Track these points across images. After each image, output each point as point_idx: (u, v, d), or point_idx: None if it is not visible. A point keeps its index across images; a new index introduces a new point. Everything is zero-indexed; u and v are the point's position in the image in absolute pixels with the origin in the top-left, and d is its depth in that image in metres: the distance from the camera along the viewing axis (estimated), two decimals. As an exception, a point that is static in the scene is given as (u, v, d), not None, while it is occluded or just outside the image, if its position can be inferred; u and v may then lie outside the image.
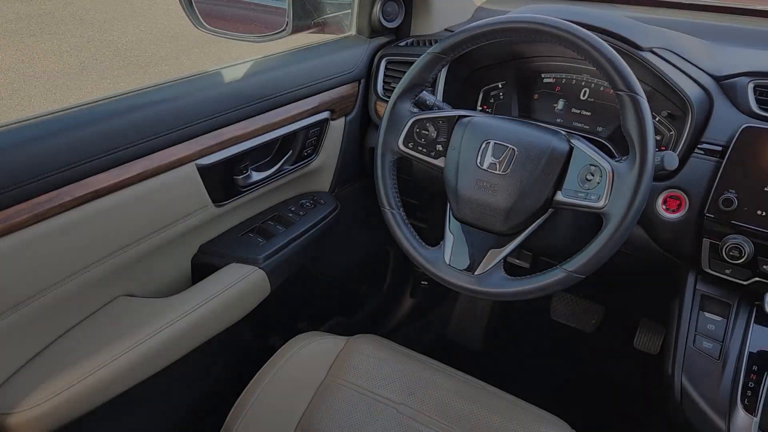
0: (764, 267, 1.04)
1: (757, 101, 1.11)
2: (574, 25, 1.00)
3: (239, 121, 1.23)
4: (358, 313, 1.98)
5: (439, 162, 1.13)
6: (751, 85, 1.12)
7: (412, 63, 1.15)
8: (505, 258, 1.08)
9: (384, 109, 1.17)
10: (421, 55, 1.13)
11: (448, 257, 1.10)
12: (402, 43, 1.52)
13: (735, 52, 1.25)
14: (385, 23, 1.54)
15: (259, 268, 1.27)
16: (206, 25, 1.38)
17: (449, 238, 1.12)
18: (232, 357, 1.53)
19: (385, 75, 1.50)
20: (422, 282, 2.08)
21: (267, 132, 1.29)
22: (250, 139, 1.25)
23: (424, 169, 1.18)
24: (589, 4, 1.63)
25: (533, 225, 1.06)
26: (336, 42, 1.53)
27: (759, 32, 1.42)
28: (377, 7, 1.51)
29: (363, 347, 1.19)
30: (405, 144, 1.15)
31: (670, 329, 1.15)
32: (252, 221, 1.39)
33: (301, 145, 1.40)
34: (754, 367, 1.03)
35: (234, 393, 1.14)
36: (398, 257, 1.99)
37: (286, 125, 1.33)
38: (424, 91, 1.18)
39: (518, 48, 1.36)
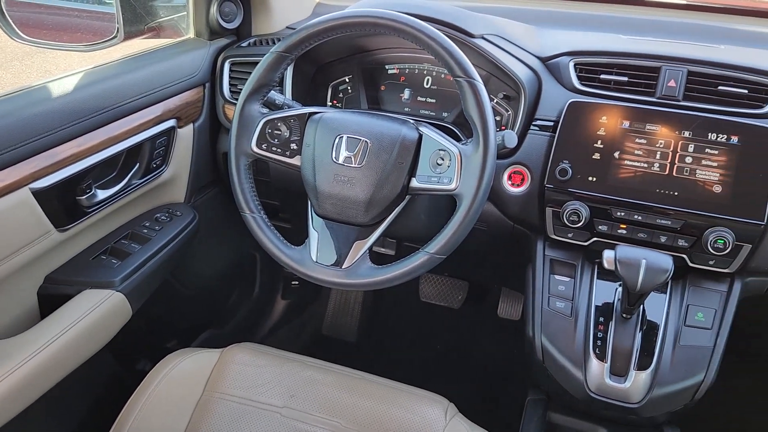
0: (600, 228, 1.16)
1: (578, 78, 1.22)
2: (410, 17, 1.04)
3: (76, 138, 1.14)
4: (230, 323, 1.92)
5: (295, 161, 1.13)
6: (571, 64, 1.23)
7: (256, 63, 1.13)
8: (370, 248, 1.10)
9: (233, 113, 1.14)
10: (264, 54, 1.12)
11: (315, 254, 1.11)
12: (244, 44, 1.49)
13: (557, 34, 1.37)
14: (224, 24, 1.50)
15: (117, 291, 1.20)
16: (24, 35, 1.26)
17: (314, 235, 1.13)
18: (99, 390, 1.43)
19: (230, 77, 1.46)
20: (293, 282, 2.06)
21: (108, 146, 1.21)
22: (91, 155, 1.17)
23: (282, 170, 1.17)
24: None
25: (393, 213, 1.09)
26: (174, 46, 1.46)
27: (577, 15, 1.56)
28: (214, 8, 1.47)
29: (239, 357, 1.16)
30: (258, 146, 1.13)
31: (527, 295, 1.24)
32: (103, 242, 1.30)
33: (148, 156, 1.33)
34: (601, 319, 1.15)
35: (105, 428, 1.07)
36: (266, 260, 1.96)
37: (129, 137, 1.26)
38: (273, 91, 1.17)
39: (361, 42, 1.39)
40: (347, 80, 1.43)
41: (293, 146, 1.13)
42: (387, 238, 1.49)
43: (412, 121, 1.11)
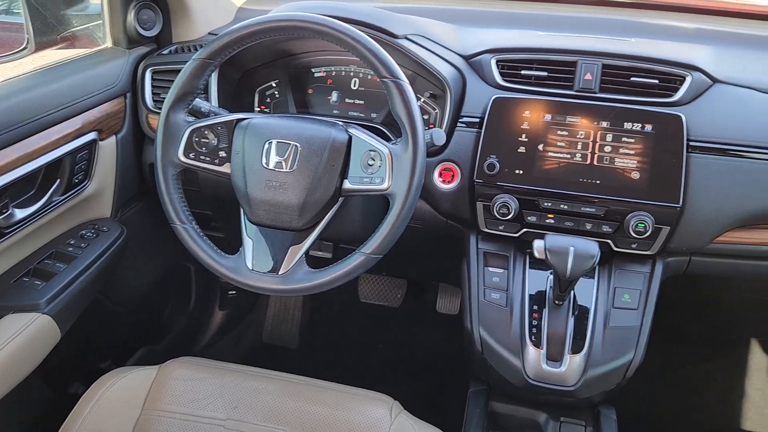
0: (529, 219, 1.19)
1: (501, 74, 1.25)
2: (334, 20, 1.04)
3: (-12, 155, 1.09)
4: (167, 338, 1.87)
5: (225, 168, 1.11)
6: (493, 61, 1.27)
7: (179, 71, 1.10)
8: (306, 252, 1.09)
9: (157, 122, 1.11)
10: (187, 62, 1.10)
11: (250, 262, 1.09)
12: (165, 52, 1.46)
13: (478, 33, 1.40)
14: (142, 32, 1.45)
15: (43, 313, 1.15)
16: None
17: (248, 243, 1.11)
18: (31, 417, 1.37)
19: (152, 86, 1.42)
20: (230, 292, 2.03)
21: (24, 163, 1.16)
22: (5, 173, 1.11)
23: (211, 178, 1.15)
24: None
25: (327, 216, 1.09)
26: (91, 56, 1.41)
27: (497, 13, 1.61)
28: (131, 16, 1.42)
29: (177, 372, 1.13)
30: (186, 155, 1.11)
31: (464, 288, 1.27)
32: (25, 263, 1.24)
33: (69, 172, 1.27)
34: (535, 307, 1.18)
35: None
36: (200, 272, 1.92)
37: (47, 153, 1.20)
38: (197, 99, 1.15)
39: (286, 46, 1.38)
40: (274, 85, 1.42)
41: (222, 154, 1.11)
42: (323, 242, 1.49)
43: (341, 123, 1.11)
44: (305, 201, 1.06)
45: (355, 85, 1.39)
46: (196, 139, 1.10)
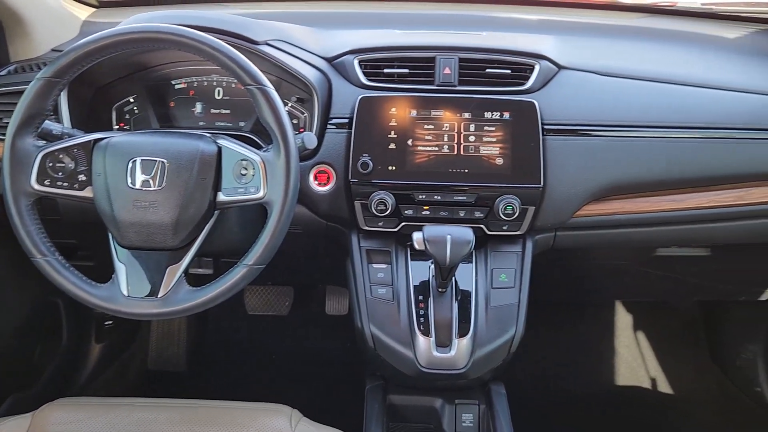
0: (406, 212, 1.23)
1: (365, 74, 1.28)
2: (190, 30, 1.01)
3: None
4: (39, 382, 1.73)
5: (87, 193, 1.05)
6: (356, 61, 1.29)
7: (21, 93, 1.02)
8: (185, 271, 1.06)
9: (2, 150, 1.02)
10: (30, 82, 1.02)
11: (126, 288, 1.04)
12: (3, 72, 1.34)
13: (339, 35, 1.42)
14: (-29, 54, 1.33)
15: None
16: None
17: (121, 268, 1.05)
18: None
19: None
20: (106, 323, 1.91)
21: None
22: None
23: (73, 204, 1.08)
24: (196, 6, 1.65)
25: (204, 231, 1.06)
26: None
27: (355, 14, 1.63)
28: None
29: (54, 416, 1.05)
30: (40, 182, 1.03)
31: (350, 288, 1.28)
32: None
33: None
34: (420, 297, 1.22)
35: None
36: (70, 305, 1.79)
37: None
38: (47, 121, 1.07)
39: (141, 58, 1.32)
40: (132, 100, 1.35)
41: (81, 177, 1.04)
42: (202, 258, 1.44)
43: (208, 134, 1.08)
44: (179, 218, 1.02)
45: (219, 95, 1.36)
46: (51, 164, 1.03)
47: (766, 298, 1.69)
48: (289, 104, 1.31)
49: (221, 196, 1.04)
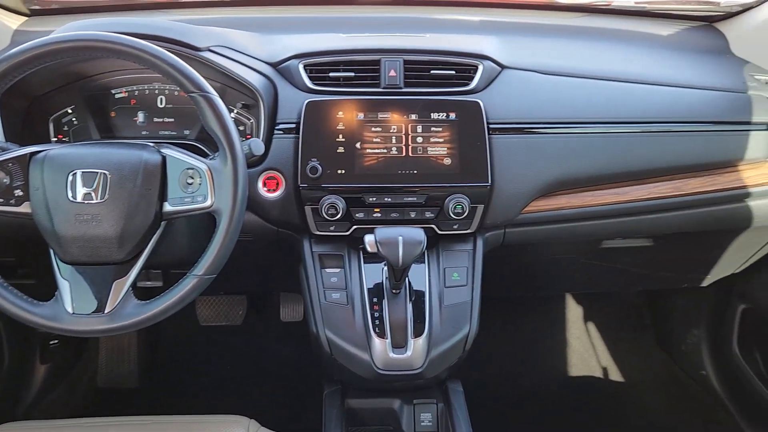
0: (357, 216, 1.23)
1: (310, 78, 1.27)
2: (128, 37, 0.99)
3: None
4: (-19, 407, 1.66)
5: (24, 208, 1.01)
6: (301, 66, 1.28)
7: None
8: (133, 285, 1.03)
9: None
10: None
11: (70, 305, 1.00)
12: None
13: (283, 39, 1.40)
14: None
15: None
16: None
17: (64, 285, 1.02)
18: None
19: None
20: (51, 342, 1.84)
21: None
22: None
23: (9, 221, 1.04)
24: (135, 13, 1.61)
25: (151, 243, 1.04)
26: None
27: (299, 18, 1.62)
28: None
29: (-1, 442, 1.01)
30: None
31: (304, 294, 1.27)
32: None
33: None
34: (374, 299, 1.22)
35: None
36: (11, 326, 1.72)
37: None
38: (-22, 135, 1.03)
39: (78, 68, 1.28)
40: (70, 111, 1.31)
41: (18, 193, 1.00)
42: (151, 270, 1.41)
43: (152, 144, 1.06)
44: (123, 231, 1.00)
45: (162, 103, 1.33)
46: None
47: (706, 284, 1.76)
48: (235, 111, 1.29)
49: (167, 207, 1.02)
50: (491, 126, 1.25)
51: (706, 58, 1.54)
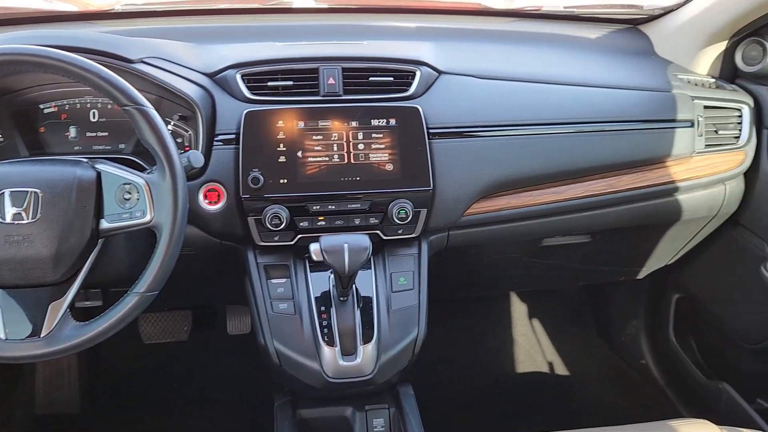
0: (301, 225, 1.22)
1: (248, 88, 1.26)
2: (56, 50, 0.96)
3: None
4: None
5: None
6: (238, 75, 1.27)
7: None
8: (71, 306, 1.00)
9: None
10: None
11: (2, 331, 0.96)
12: None
13: (219, 49, 1.38)
14: None
15: None
16: None
17: None
18: None
19: None
20: (-17, 370, 1.76)
21: None
22: None
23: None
24: (61, 25, 1.56)
25: (88, 261, 1.01)
26: None
27: (235, 28, 1.60)
28: None
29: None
30: None
31: (251, 306, 1.26)
32: None
33: None
34: (322, 308, 1.22)
35: None
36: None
37: None
38: None
39: (2, 83, 1.23)
40: None
41: None
42: (89, 290, 1.36)
43: (85, 159, 1.03)
44: (58, 250, 0.96)
45: (94, 117, 1.29)
46: None
47: (642, 277, 1.83)
48: (172, 123, 1.27)
49: (104, 224, 0.99)
50: (431, 131, 1.27)
51: (632, 60, 1.61)
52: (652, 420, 1.18)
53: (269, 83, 1.26)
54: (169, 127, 1.23)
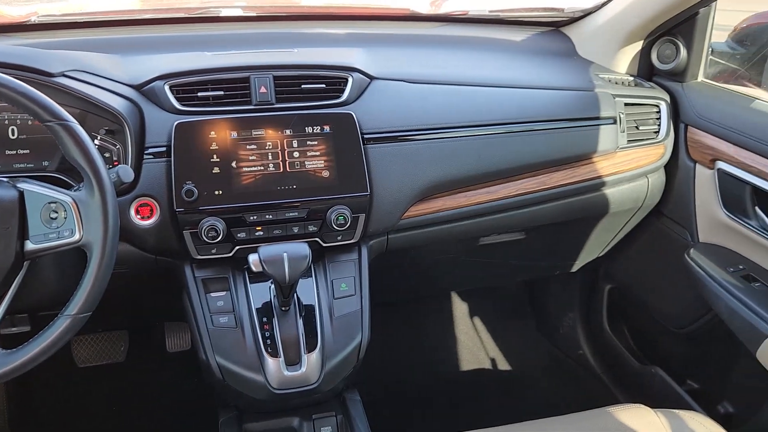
0: (239, 236, 1.20)
1: (178, 99, 1.23)
2: None
3: None
4: None
5: None
6: (167, 87, 1.24)
7: None
8: (-5, 333, 0.95)
9: None
10: None
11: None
12: None
13: (145, 60, 1.35)
14: None
15: None
16: None
17: None
18: None
19: None
20: None
21: None
22: None
23: None
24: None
25: (13, 285, 0.97)
26: None
27: (161, 38, 1.56)
28: None
29: None
30: None
31: (190, 321, 1.23)
32: None
33: None
34: (264, 319, 1.20)
35: None
36: None
37: None
38: None
39: None
40: None
41: None
42: (15, 315, 1.30)
43: (6, 179, 0.98)
44: (-18, 277, 0.91)
45: (14, 134, 1.23)
46: None
47: (576, 269, 1.90)
48: (98, 137, 1.22)
49: (30, 245, 0.95)
50: (365, 136, 1.27)
51: (556, 61, 1.67)
52: (592, 408, 1.23)
53: (199, 94, 1.24)
54: (96, 142, 1.19)
